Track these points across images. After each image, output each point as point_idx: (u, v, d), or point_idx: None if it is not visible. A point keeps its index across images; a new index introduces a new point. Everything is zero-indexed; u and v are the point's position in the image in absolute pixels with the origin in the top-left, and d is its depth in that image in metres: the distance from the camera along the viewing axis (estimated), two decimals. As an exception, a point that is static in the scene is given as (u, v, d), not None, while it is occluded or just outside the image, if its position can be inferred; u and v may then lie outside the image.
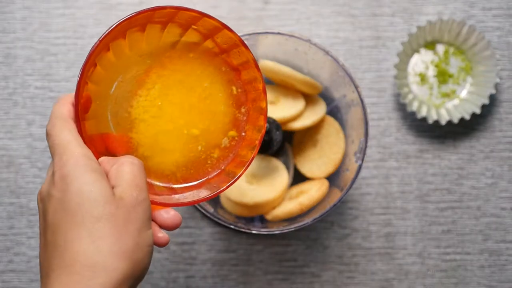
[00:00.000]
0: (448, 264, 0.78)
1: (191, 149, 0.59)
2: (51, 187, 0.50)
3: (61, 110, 0.52)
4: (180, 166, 0.58)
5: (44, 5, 0.80)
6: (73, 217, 0.48)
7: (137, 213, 0.50)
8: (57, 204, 0.49)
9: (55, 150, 0.51)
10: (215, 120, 0.59)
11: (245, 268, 0.78)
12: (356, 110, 0.70)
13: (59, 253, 0.48)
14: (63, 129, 0.51)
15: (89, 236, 0.47)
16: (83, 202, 0.48)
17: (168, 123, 0.58)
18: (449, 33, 0.79)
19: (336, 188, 0.72)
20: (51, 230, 0.49)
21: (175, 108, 0.58)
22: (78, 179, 0.49)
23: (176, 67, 0.58)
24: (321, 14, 0.81)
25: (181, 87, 0.58)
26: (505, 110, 0.80)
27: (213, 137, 0.59)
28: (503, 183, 0.79)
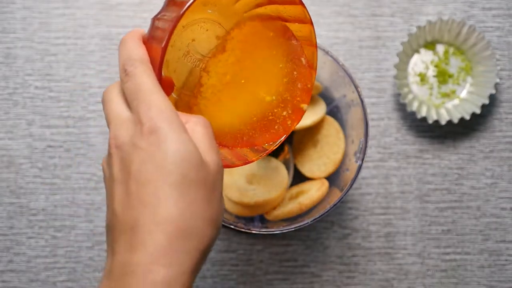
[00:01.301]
0: (448, 264, 0.78)
1: (257, 114, 0.59)
2: (138, 137, 0.47)
3: (139, 51, 0.50)
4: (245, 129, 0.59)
5: (44, 5, 0.80)
6: (167, 176, 0.46)
7: (220, 179, 0.49)
8: (146, 158, 0.47)
9: (140, 97, 0.48)
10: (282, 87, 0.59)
11: (245, 268, 0.78)
12: (356, 110, 0.70)
13: (151, 210, 0.46)
14: (147, 75, 0.49)
15: (184, 199, 0.47)
16: (178, 162, 0.47)
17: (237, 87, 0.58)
18: (449, 33, 0.79)
19: (336, 188, 0.72)
20: (138, 182, 0.47)
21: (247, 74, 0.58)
22: (171, 137, 0.47)
23: (240, 29, 0.58)
24: (321, 14, 0.81)
25: (255, 55, 0.58)
26: (505, 110, 0.80)
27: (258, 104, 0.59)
28: (503, 183, 0.79)
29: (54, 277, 0.77)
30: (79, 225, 0.78)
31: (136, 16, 0.80)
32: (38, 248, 0.78)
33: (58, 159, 0.79)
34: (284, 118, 0.60)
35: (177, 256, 0.46)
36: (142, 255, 0.46)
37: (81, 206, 0.78)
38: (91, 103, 0.79)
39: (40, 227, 0.78)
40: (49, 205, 0.78)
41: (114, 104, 0.50)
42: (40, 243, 0.78)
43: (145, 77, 0.49)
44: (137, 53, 0.50)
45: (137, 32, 0.52)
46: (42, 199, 0.78)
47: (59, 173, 0.78)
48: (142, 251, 0.46)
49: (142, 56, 0.50)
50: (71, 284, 0.77)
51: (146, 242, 0.46)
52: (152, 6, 0.80)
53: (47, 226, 0.78)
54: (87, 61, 0.80)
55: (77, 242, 0.78)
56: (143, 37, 0.52)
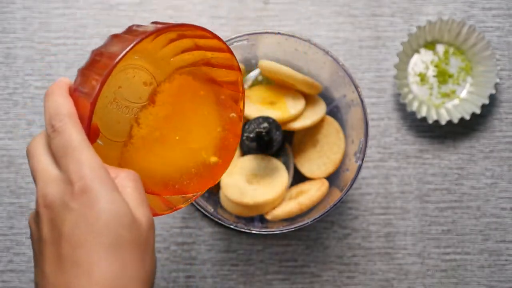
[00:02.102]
0: (448, 264, 0.78)
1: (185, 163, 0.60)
2: (69, 197, 0.46)
3: (67, 105, 0.49)
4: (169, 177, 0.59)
5: (44, 5, 0.80)
6: (100, 238, 0.45)
7: (152, 234, 0.48)
8: (79, 219, 0.46)
9: (69, 154, 0.47)
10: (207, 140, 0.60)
11: (245, 268, 0.78)
12: (356, 110, 0.70)
13: (84, 273, 0.45)
14: (76, 131, 0.48)
15: (117, 261, 0.46)
16: (110, 223, 0.46)
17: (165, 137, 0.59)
18: (449, 33, 0.79)
19: (336, 188, 0.72)
20: (70, 244, 0.46)
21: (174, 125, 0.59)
22: (104, 198, 0.46)
23: (183, 91, 0.59)
24: (321, 14, 0.81)
25: (186, 110, 0.59)
26: (505, 110, 0.80)
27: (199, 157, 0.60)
28: (503, 183, 0.79)
29: (54, 277, 0.77)
30: (79, 225, 0.78)
31: (136, 16, 0.80)
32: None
33: (58, 159, 0.79)
34: (213, 168, 0.60)
35: None
36: None
37: (81, 206, 0.78)
38: (91, 103, 0.79)
39: (40, 227, 0.78)
40: (49, 205, 0.78)
41: (41, 160, 0.49)
42: (40, 243, 0.78)
43: (74, 133, 0.47)
44: (65, 107, 0.49)
45: (64, 84, 0.51)
46: (42, 199, 0.78)
47: (59, 173, 0.78)
48: None
49: (70, 110, 0.48)
50: (71, 284, 0.77)
51: None
52: (152, 6, 0.80)
53: (47, 226, 0.78)
54: (87, 61, 0.80)
55: (77, 242, 0.78)
56: (69, 88, 0.51)
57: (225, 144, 0.60)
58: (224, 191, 0.72)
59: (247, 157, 0.73)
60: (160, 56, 0.58)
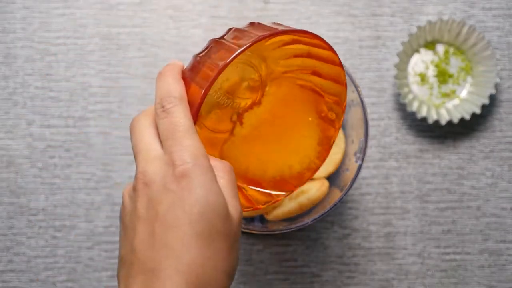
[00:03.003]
0: (448, 264, 0.78)
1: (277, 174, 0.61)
2: (169, 178, 0.47)
3: (179, 89, 0.49)
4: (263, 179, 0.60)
5: (44, 5, 0.80)
6: (195, 224, 0.46)
7: (239, 230, 0.49)
8: (176, 201, 0.46)
9: (176, 137, 0.47)
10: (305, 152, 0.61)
11: (245, 268, 0.78)
12: (356, 110, 0.70)
13: (174, 255, 0.46)
14: (185, 115, 0.48)
15: (208, 250, 0.46)
16: (207, 212, 0.46)
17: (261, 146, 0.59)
18: (449, 33, 0.79)
19: (336, 188, 0.72)
20: (164, 225, 0.46)
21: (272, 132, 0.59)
22: (204, 186, 0.46)
23: (289, 99, 0.59)
24: (321, 14, 0.81)
25: (286, 115, 0.59)
26: (505, 110, 0.80)
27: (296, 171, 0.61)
28: (503, 183, 0.79)
29: (54, 277, 0.77)
30: (79, 225, 0.78)
31: (136, 16, 0.80)
32: (38, 248, 0.78)
33: (58, 159, 0.79)
34: (298, 177, 0.61)
35: None
36: None
37: (81, 206, 0.78)
38: (91, 103, 0.79)
39: (40, 227, 0.78)
40: (49, 205, 0.78)
41: (145, 137, 0.49)
42: (40, 243, 0.78)
43: (182, 117, 0.48)
44: (177, 90, 0.49)
45: (177, 67, 0.51)
46: (42, 199, 0.78)
47: (59, 173, 0.78)
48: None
49: (182, 94, 0.49)
50: (71, 284, 0.77)
51: (165, 287, 0.45)
52: (152, 6, 0.80)
53: (47, 226, 0.78)
54: (87, 60, 0.80)
55: (77, 242, 0.78)
56: (182, 72, 0.51)
57: (316, 157, 0.61)
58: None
59: (247, 157, 0.73)
60: (271, 57, 0.57)
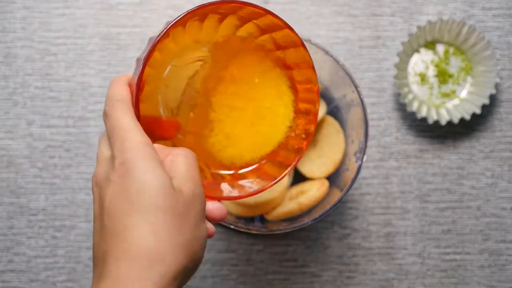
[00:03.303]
0: (448, 264, 0.78)
1: (253, 142, 0.60)
2: (110, 172, 0.49)
3: (120, 92, 0.52)
4: (236, 156, 0.60)
5: (44, 5, 0.80)
6: (133, 204, 0.48)
7: (195, 207, 0.50)
8: (116, 190, 0.48)
9: (115, 134, 0.50)
10: (277, 115, 0.60)
11: (245, 268, 0.78)
12: (356, 110, 0.70)
13: (118, 239, 0.47)
14: (124, 113, 0.51)
15: (150, 226, 0.47)
16: (144, 190, 0.48)
17: (226, 116, 0.59)
18: (449, 33, 0.79)
19: (336, 188, 0.72)
20: (108, 215, 0.48)
21: (236, 99, 0.59)
22: (140, 167, 0.48)
23: (236, 59, 0.59)
24: (321, 14, 0.81)
25: (242, 79, 0.59)
26: (505, 110, 0.80)
27: (272, 131, 0.60)
28: (503, 183, 0.79)
29: (54, 277, 0.77)
30: (79, 225, 0.78)
31: (136, 16, 0.80)
32: (38, 248, 0.78)
33: (58, 159, 0.79)
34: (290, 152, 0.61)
35: (141, 284, 0.46)
36: (107, 284, 0.46)
37: (81, 206, 0.78)
38: (91, 103, 0.79)
39: (40, 227, 0.78)
40: (49, 205, 0.78)
41: (100, 146, 0.53)
42: (40, 243, 0.78)
43: (121, 116, 0.51)
44: (118, 93, 0.52)
45: (125, 76, 0.54)
46: (42, 199, 0.78)
47: (59, 173, 0.78)
48: (108, 280, 0.47)
49: (123, 96, 0.52)
50: (71, 284, 0.77)
51: (112, 272, 0.47)
52: (152, 6, 0.80)
53: (47, 226, 0.78)
54: (87, 60, 0.80)
55: (77, 242, 0.78)
56: (129, 80, 0.54)
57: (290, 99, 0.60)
58: (224, 191, 0.72)
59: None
60: (229, 47, 0.58)
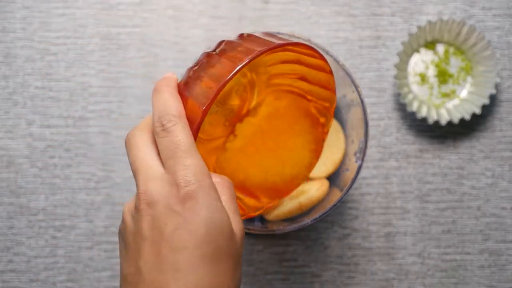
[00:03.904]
0: (448, 264, 0.78)
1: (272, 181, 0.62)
2: (174, 200, 0.47)
3: (177, 107, 0.49)
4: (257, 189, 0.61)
5: (44, 4, 0.80)
6: (201, 245, 0.46)
7: (242, 248, 0.49)
8: (182, 223, 0.46)
9: (178, 156, 0.47)
10: (300, 160, 0.62)
11: (245, 268, 0.78)
12: (356, 110, 0.70)
13: (182, 277, 0.46)
14: (186, 134, 0.48)
15: (214, 270, 0.46)
16: (212, 232, 0.46)
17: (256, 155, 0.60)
18: (449, 33, 0.79)
19: (336, 188, 0.72)
20: (170, 247, 0.46)
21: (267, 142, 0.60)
22: (208, 206, 0.47)
23: (276, 102, 0.59)
24: (321, 14, 0.81)
25: (277, 124, 0.59)
26: (505, 110, 0.80)
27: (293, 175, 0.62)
28: (503, 183, 0.79)
29: (54, 277, 0.77)
30: (79, 225, 0.78)
31: (136, 16, 0.80)
32: (38, 248, 0.78)
33: (58, 159, 0.79)
34: (290, 183, 0.63)
35: None
36: None
37: (81, 206, 0.78)
38: (91, 103, 0.79)
39: (40, 227, 0.78)
40: (49, 205, 0.78)
41: (145, 154, 0.49)
42: (40, 243, 0.78)
43: (184, 136, 0.48)
44: (175, 107, 0.49)
45: (172, 81, 0.51)
46: (42, 199, 0.78)
47: (59, 173, 0.78)
48: None
49: (180, 111, 0.49)
50: (71, 284, 0.77)
51: None
52: (152, 6, 0.80)
53: (47, 226, 0.78)
54: (87, 60, 0.80)
55: (77, 242, 0.78)
56: (178, 86, 0.51)
57: (309, 162, 0.61)
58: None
59: (247, 157, 0.73)
60: (259, 63, 0.57)
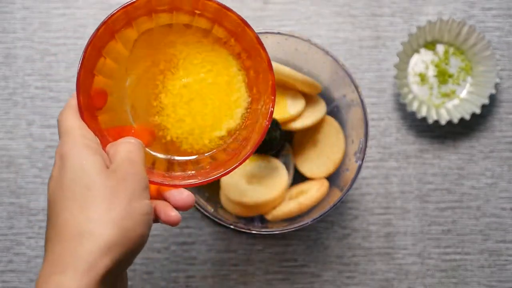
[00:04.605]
0: (448, 264, 0.78)
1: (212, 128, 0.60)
2: (53, 168, 0.52)
3: (73, 101, 0.55)
4: (204, 143, 0.60)
5: (44, 5, 0.80)
6: (67, 191, 0.50)
7: (128, 184, 0.51)
8: (55, 182, 0.52)
9: (60, 135, 0.53)
10: (233, 103, 0.60)
11: (245, 268, 0.78)
12: (356, 110, 0.70)
13: (51, 225, 0.51)
14: (68, 116, 0.54)
15: (79, 206, 0.50)
16: (76, 175, 0.50)
17: (190, 105, 0.59)
18: (449, 33, 0.79)
19: (336, 188, 0.72)
20: (49, 207, 0.52)
21: (200, 92, 0.59)
22: (74, 156, 0.51)
23: (193, 53, 0.59)
24: (321, 14, 0.81)
25: (202, 72, 0.59)
26: (505, 110, 0.80)
27: (229, 119, 0.60)
28: (503, 183, 0.79)
29: (54, 277, 0.77)
30: (79, 225, 0.78)
31: (136, 16, 0.80)
32: (38, 248, 0.78)
33: (58, 159, 0.79)
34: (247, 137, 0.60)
35: (73, 262, 0.48)
36: (46, 270, 0.50)
37: (81, 206, 0.78)
38: (91, 103, 0.79)
39: (40, 227, 0.78)
40: (49, 205, 0.78)
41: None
42: (40, 243, 0.78)
43: (69, 118, 0.54)
44: (72, 101, 0.55)
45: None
46: (42, 199, 0.78)
47: (59, 173, 0.78)
48: (46, 265, 0.50)
49: (74, 103, 0.55)
50: (71, 284, 0.77)
51: (49, 257, 0.50)
52: (152, 6, 0.80)
53: (47, 226, 0.78)
54: (87, 61, 0.80)
55: (77, 242, 0.78)
56: None
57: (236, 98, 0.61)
58: (224, 191, 0.72)
59: (247, 157, 0.73)
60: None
